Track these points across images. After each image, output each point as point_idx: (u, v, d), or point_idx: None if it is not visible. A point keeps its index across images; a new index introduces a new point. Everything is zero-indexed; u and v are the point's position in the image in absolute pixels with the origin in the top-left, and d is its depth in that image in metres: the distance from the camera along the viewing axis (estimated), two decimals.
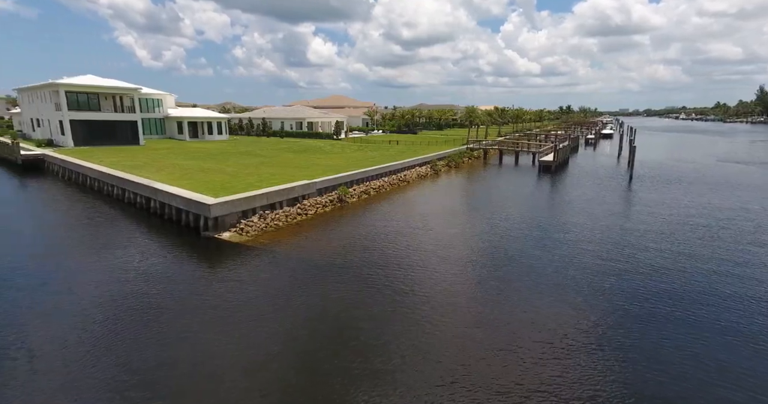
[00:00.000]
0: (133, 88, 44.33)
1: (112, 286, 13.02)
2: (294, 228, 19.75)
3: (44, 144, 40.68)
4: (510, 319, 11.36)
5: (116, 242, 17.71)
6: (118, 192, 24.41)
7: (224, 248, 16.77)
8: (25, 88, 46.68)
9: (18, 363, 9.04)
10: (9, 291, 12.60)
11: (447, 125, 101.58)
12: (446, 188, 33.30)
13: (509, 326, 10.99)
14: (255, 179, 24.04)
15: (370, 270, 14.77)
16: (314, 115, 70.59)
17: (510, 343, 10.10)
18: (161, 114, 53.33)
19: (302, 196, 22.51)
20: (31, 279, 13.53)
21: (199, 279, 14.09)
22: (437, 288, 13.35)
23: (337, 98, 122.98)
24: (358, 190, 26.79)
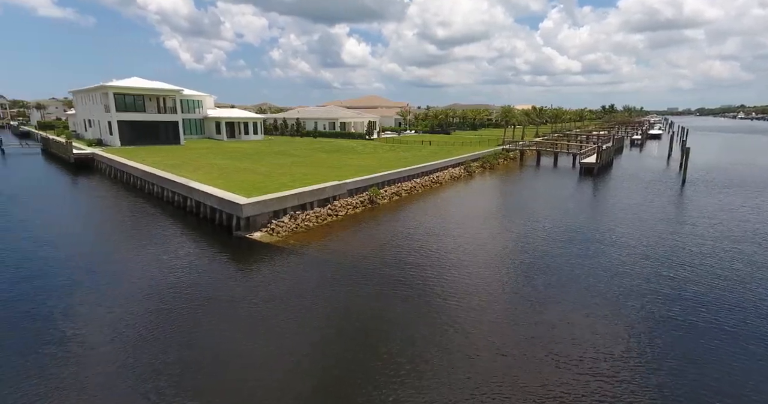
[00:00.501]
0: (175, 90, 46.11)
1: (151, 281, 13.51)
2: (324, 229, 19.57)
3: (94, 143, 43.08)
4: (546, 331, 10.52)
5: (155, 239, 18.20)
6: (158, 190, 25.25)
7: (255, 248, 16.81)
8: (78, 91, 49.72)
9: (71, 346, 9.40)
10: (64, 280, 13.30)
11: (481, 125, 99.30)
12: (480, 190, 32.25)
13: (544, 338, 10.15)
14: (287, 179, 24.14)
15: (400, 273, 14.34)
16: (347, 115, 70.93)
17: (546, 357, 9.30)
18: (201, 114, 55.26)
19: (333, 197, 22.33)
20: (80, 271, 14.16)
21: (230, 278, 14.12)
22: (469, 295, 12.70)
23: (370, 98, 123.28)
24: (389, 192, 26.36)
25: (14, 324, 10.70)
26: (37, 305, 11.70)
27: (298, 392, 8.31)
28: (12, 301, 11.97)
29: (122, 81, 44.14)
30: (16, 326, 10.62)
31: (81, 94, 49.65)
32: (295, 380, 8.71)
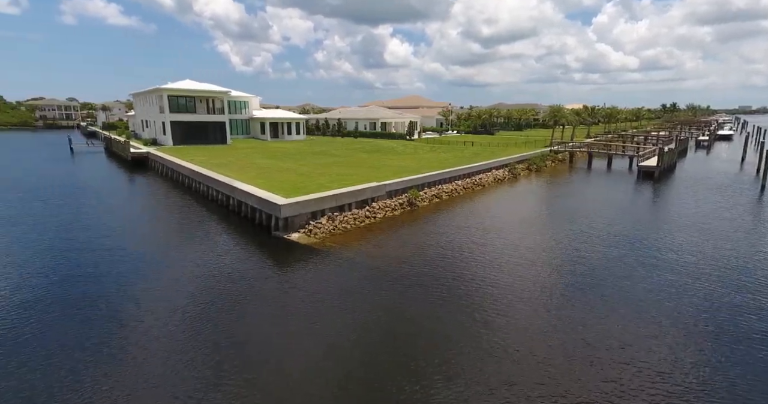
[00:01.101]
0: (223, 92, 47.83)
1: (193, 276, 13.97)
2: (362, 232, 19.13)
3: (149, 143, 45.61)
4: (597, 352, 9.32)
5: (198, 236, 18.60)
6: (203, 188, 26.01)
7: (293, 249, 16.65)
8: (138, 93, 52.96)
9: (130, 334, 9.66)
10: (119, 270, 14.04)
11: (527, 125, 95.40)
12: (526, 194, 30.55)
13: (598, 361, 8.96)
14: (326, 180, 23.99)
15: (438, 279, 13.68)
16: (387, 115, 70.59)
17: (599, 383, 8.14)
18: (246, 115, 57.07)
19: (372, 199, 21.86)
20: (130, 263, 14.71)
21: (267, 278, 14.00)
22: (510, 307, 11.78)
23: (411, 98, 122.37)
24: (429, 194, 25.51)
25: (74, 304, 11.83)
26: (92, 289, 12.55)
27: (328, 391, 8.34)
28: (71, 284, 12.84)
29: (176, 83, 46.38)
30: (74, 306, 11.75)
31: (140, 96, 52.86)
32: (324, 380, 8.69)
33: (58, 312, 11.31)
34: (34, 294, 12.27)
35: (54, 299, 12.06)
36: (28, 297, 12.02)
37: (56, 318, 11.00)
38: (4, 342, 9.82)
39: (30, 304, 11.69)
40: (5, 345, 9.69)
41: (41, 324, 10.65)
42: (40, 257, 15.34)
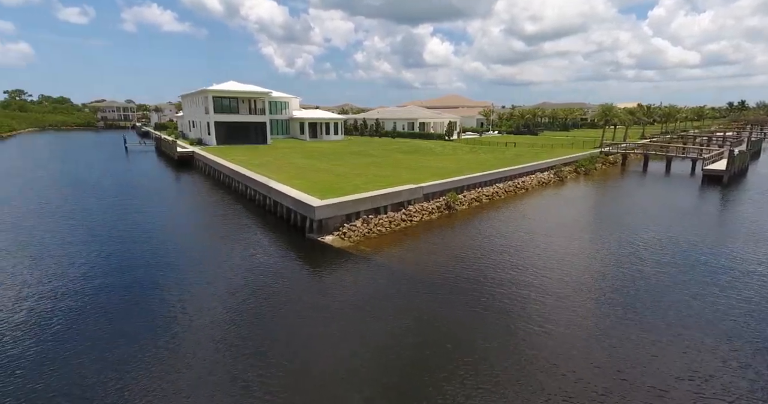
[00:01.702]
0: (265, 92, 48.87)
1: (226, 275, 14.06)
2: (397, 236, 18.44)
3: (195, 142, 47.41)
4: (651, 380, 8.02)
5: (235, 235, 18.70)
6: (242, 188, 26.37)
7: (326, 252, 16.24)
8: (186, 95, 55.34)
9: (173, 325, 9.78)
10: (159, 267, 14.22)
11: (574, 125, 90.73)
12: (572, 198, 28.58)
13: (651, 390, 7.70)
14: (362, 181, 23.52)
15: (475, 288, 12.85)
16: (426, 115, 69.46)
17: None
18: (287, 115, 58.09)
19: (408, 201, 21.11)
20: (168, 260, 14.93)
21: (300, 281, 13.65)
22: (552, 320, 10.76)
23: (451, 98, 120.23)
24: (468, 197, 24.38)
25: (117, 293, 12.50)
26: (132, 279, 13.12)
27: (355, 396, 8.20)
28: (114, 277, 13.34)
29: (220, 85, 47.93)
30: (116, 295, 12.40)
31: (187, 97, 55.22)
32: (352, 384, 8.57)
33: (107, 303, 11.91)
34: (82, 285, 12.65)
35: (99, 290, 12.54)
36: (77, 288, 12.37)
37: (108, 307, 11.61)
38: (57, 331, 10.23)
39: (79, 295, 12.14)
40: (58, 334, 10.10)
41: (97, 313, 11.26)
42: (89, 249, 15.91)
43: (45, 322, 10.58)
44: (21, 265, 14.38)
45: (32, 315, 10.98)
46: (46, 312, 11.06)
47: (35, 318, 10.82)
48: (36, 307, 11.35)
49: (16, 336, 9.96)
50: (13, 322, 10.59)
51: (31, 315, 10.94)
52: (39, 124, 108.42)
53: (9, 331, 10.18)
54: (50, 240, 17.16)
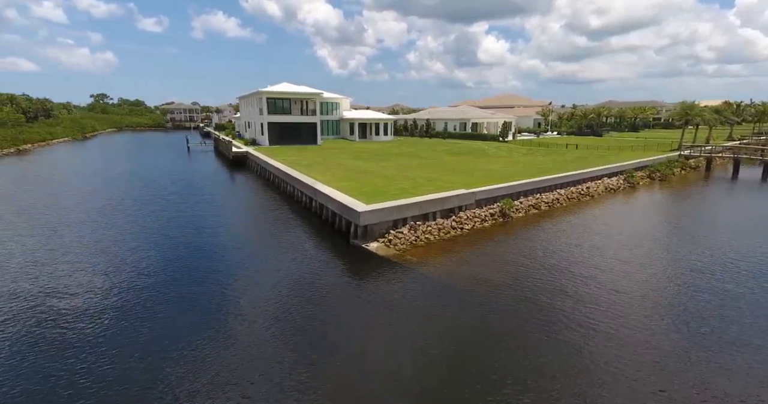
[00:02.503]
0: (316, 93, 49.35)
1: (268, 278, 14.02)
2: (446, 245, 17.15)
3: (249, 143, 48.94)
4: None
5: (280, 238, 18.48)
6: (290, 189, 26.34)
7: (371, 260, 15.36)
8: (242, 96, 57.48)
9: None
10: (208, 269, 14.13)
11: (645, 125, 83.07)
12: (646, 208, 25.49)
13: None
14: (409, 184, 22.43)
15: (529, 307, 11.54)
16: (479, 115, 66.82)
17: None
18: (337, 116, 58.43)
19: (459, 207, 19.72)
20: (214, 258, 15.03)
21: (340, 289, 12.91)
22: (618, 344, 9.22)
23: (506, 97, 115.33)
24: (525, 204, 22.44)
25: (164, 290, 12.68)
26: (173, 279, 13.23)
27: None
28: (169, 270, 13.93)
29: (274, 86, 49.09)
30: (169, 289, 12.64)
31: (244, 99, 57.32)
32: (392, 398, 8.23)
33: (160, 297, 12.31)
34: (133, 281, 12.84)
35: (146, 285, 12.85)
36: (134, 283, 12.51)
37: (156, 302, 11.92)
38: (116, 325, 10.71)
39: (139, 290, 12.60)
40: (117, 327, 10.57)
41: (141, 309, 11.58)
42: (145, 245, 16.30)
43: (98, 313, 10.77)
44: (80, 260, 14.95)
45: (97, 304, 11.44)
46: (95, 306, 11.20)
47: (100, 307, 11.28)
48: (89, 298, 11.56)
49: (95, 319, 10.87)
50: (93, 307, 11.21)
51: (97, 304, 11.39)
52: (117, 124, 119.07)
53: (92, 312, 11.14)
54: (109, 237, 17.86)
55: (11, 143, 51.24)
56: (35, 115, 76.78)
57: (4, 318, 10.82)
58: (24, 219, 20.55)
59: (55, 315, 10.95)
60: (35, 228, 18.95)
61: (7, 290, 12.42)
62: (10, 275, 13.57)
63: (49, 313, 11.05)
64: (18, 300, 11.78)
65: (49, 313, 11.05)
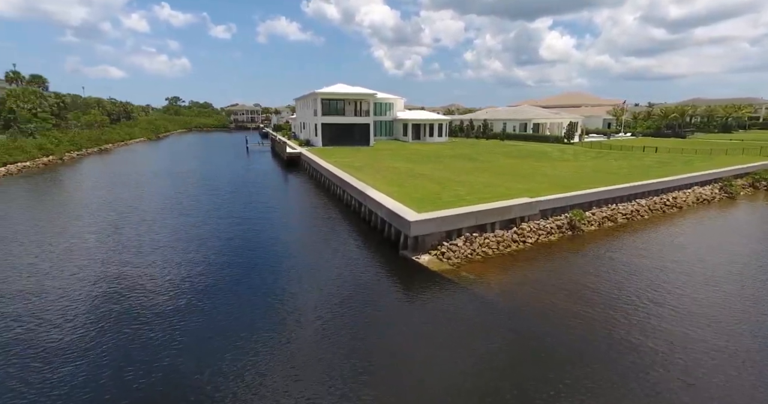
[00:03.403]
0: (370, 94, 48.76)
1: (315, 283, 13.56)
2: (506, 260, 15.31)
3: (304, 143, 49.51)
4: None
5: (328, 244, 17.76)
6: (339, 192, 25.66)
7: (421, 275, 14.00)
8: (298, 98, 58.55)
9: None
10: (253, 271, 13.83)
11: (739, 126, 73.13)
12: (749, 223, 21.55)
13: None
14: (465, 190, 20.70)
15: (605, 342, 9.60)
16: (541, 115, 62.57)
17: None
18: (390, 117, 57.51)
19: (521, 218, 17.70)
20: (263, 260, 14.72)
21: (388, 306, 11.70)
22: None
23: (571, 95, 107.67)
24: (598, 215, 19.78)
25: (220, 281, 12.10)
26: (224, 276, 12.98)
27: None
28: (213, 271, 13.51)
29: (329, 87, 49.22)
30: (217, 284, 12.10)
31: (300, 100, 58.34)
32: None
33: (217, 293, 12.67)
34: (187, 279, 12.67)
35: (196, 283, 12.81)
36: (184, 281, 12.31)
37: (218, 296, 12.34)
38: (176, 315, 11.19)
39: (188, 287, 12.84)
40: (177, 319, 11.05)
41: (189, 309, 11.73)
42: (192, 246, 16.29)
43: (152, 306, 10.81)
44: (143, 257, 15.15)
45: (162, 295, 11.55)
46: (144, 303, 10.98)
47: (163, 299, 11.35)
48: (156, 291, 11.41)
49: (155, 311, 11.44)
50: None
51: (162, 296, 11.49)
52: (187, 125, 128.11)
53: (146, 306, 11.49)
54: (163, 237, 18.14)
55: (95, 143, 56.31)
56: (118, 117, 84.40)
57: (88, 297, 12.09)
58: (90, 214, 21.71)
59: (128, 294, 12.28)
60: (92, 227, 19.84)
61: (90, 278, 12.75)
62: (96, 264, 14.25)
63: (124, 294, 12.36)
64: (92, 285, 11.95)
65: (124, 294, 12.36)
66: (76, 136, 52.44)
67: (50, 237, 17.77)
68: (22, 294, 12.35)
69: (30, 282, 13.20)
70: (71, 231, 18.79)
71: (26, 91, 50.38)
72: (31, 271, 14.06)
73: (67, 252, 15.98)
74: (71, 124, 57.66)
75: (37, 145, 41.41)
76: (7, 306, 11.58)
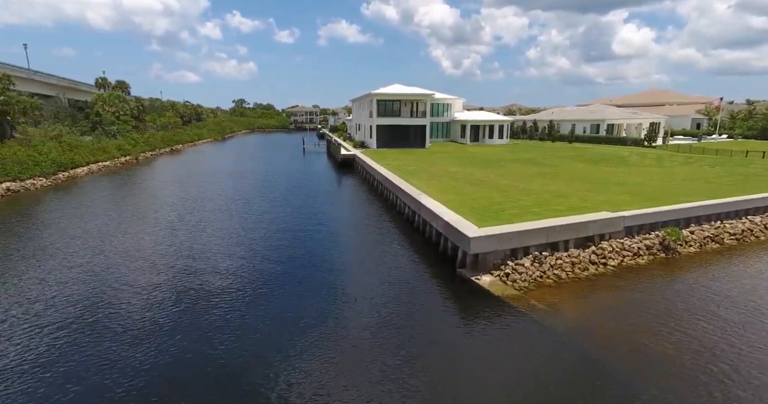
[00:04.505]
0: (427, 94, 47.06)
1: (370, 298, 12.63)
2: (583, 286, 13.05)
3: (358, 145, 49.02)
4: None
5: (377, 254, 16.60)
6: (392, 198, 24.39)
7: (482, 299, 12.25)
8: (354, 99, 58.34)
9: None
10: (300, 279, 13.00)
11: None
12: None
13: None
14: (531, 200, 18.43)
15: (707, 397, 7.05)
16: (617, 115, 56.79)
17: None
18: (448, 118, 55.33)
19: (600, 236, 15.21)
20: (314, 266, 13.96)
21: (446, 334, 10.16)
22: None
23: (652, 93, 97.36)
24: (699, 235, 16.59)
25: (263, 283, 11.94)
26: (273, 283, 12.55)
27: None
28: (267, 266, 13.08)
29: (385, 88, 48.25)
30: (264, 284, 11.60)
31: (356, 101, 58.11)
32: None
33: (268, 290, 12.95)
34: (239, 275, 12.46)
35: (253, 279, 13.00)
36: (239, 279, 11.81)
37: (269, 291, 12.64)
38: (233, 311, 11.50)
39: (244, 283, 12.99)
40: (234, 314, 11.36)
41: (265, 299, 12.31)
42: (241, 248, 15.88)
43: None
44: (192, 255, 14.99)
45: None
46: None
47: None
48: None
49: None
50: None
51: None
52: (250, 126, 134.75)
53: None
54: (217, 238, 18.01)
55: (166, 144, 60.39)
56: (189, 119, 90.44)
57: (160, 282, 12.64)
58: (155, 213, 22.41)
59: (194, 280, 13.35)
60: (153, 227, 20.29)
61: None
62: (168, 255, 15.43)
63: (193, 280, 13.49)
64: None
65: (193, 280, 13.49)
66: (150, 137, 56.47)
67: (133, 231, 18.35)
68: (118, 279, 13.00)
69: (120, 274, 13.38)
70: (147, 224, 19.35)
71: (111, 96, 55.09)
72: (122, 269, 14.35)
73: (139, 244, 16.29)
74: (148, 125, 62.29)
75: (117, 145, 44.88)
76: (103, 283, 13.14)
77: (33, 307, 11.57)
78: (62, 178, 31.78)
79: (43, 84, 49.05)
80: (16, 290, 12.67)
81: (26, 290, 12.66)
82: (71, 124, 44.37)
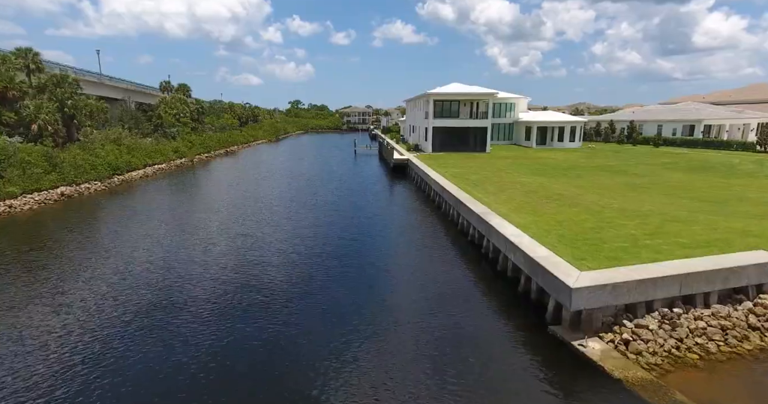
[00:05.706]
0: (489, 93, 42.83)
1: (426, 347, 9.86)
2: (745, 367, 8.93)
3: (412, 148, 45.86)
4: None
5: (436, 281, 13.58)
6: (453, 213, 20.97)
7: (591, 379, 8.64)
8: (409, 99, 55.25)
9: None
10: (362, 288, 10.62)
11: None
12: None
13: None
14: (636, 226, 14.18)
15: None
16: (717, 114, 48.53)
17: None
18: (511, 119, 50.52)
19: (757, 287, 10.84)
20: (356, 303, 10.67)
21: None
22: None
23: (756, 88, 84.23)
24: None
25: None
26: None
27: None
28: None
29: (443, 87, 44.69)
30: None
31: (410, 102, 54.98)
32: None
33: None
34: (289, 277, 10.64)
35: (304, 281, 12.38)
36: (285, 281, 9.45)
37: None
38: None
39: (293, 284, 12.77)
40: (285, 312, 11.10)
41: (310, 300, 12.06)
42: (286, 260, 13.45)
43: None
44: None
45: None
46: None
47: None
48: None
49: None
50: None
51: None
52: (304, 127, 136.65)
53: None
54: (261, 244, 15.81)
55: (222, 145, 61.22)
56: (246, 120, 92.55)
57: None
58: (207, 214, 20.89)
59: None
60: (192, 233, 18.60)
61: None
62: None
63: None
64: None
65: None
66: (207, 139, 57.34)
67: (186, 234, 16.81)
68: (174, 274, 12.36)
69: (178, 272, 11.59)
70: (200, 227, 17.76)
71: (173, 99, 56.70)
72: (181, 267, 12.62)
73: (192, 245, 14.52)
74: (207, 127, 63.65)
75: (173, 148, 45.46)
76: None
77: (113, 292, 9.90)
78: (117, 181, 31.88)
79: (111, 87, 51.18)
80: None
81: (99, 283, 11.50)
82: (134, 126, 45.66)
